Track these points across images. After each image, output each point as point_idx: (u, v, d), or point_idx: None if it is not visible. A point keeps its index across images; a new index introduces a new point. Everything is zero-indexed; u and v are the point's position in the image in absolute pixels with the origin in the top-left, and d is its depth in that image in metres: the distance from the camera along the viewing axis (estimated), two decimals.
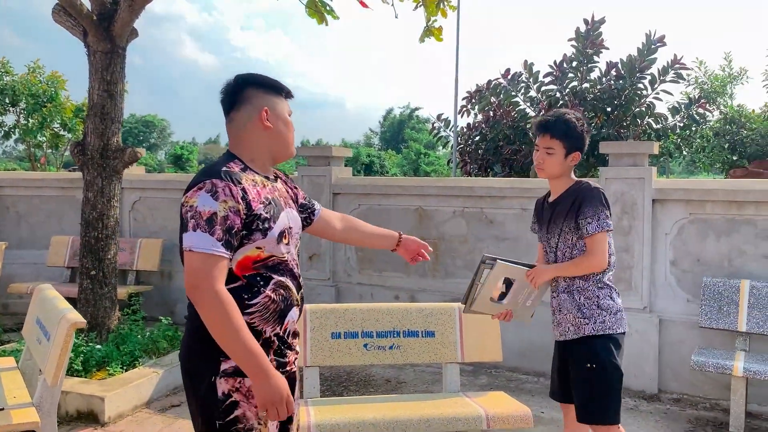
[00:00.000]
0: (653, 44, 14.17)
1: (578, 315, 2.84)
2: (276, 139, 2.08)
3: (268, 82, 2.11)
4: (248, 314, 1.94)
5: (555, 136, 2.83)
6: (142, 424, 4.26)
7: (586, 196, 2.79)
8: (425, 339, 3.82)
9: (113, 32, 5.11)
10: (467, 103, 16.05)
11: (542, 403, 4.71)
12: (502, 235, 5.53)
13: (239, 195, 1.89)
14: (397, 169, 58.77)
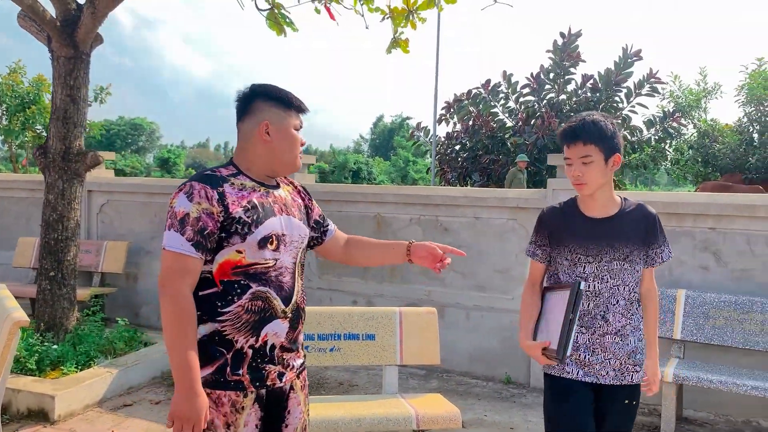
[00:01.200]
0: (629, 58, 14.48)
1: (628, 361, 2.46)
2: (275, 153, 2.07)
3: (278, 95, 2.09)
4: (219, 322, 1.95)
5: (589, 141, 2.40)
6: (92, 423, 4.35)
7: (657, 221, 2.49)
8: (365, 342, 3.95)
9: (77, 38, 5.23)
10: (446, 113, 16.29)
11: (487, 407, 4.85)
12: (456, 242, 5.67)
13: (215, 198, 1.92)
14: (385, 176, 58.98)
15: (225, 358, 1.96)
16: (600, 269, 2.42)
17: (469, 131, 15.13)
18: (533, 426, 4.50)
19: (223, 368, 1.95)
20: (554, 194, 5.18)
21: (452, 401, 4.92)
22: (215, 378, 1.95)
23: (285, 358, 2.07)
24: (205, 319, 1.95)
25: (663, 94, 16.18)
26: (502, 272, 5.50)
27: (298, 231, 2.13)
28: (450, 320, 5.61)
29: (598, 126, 2.41)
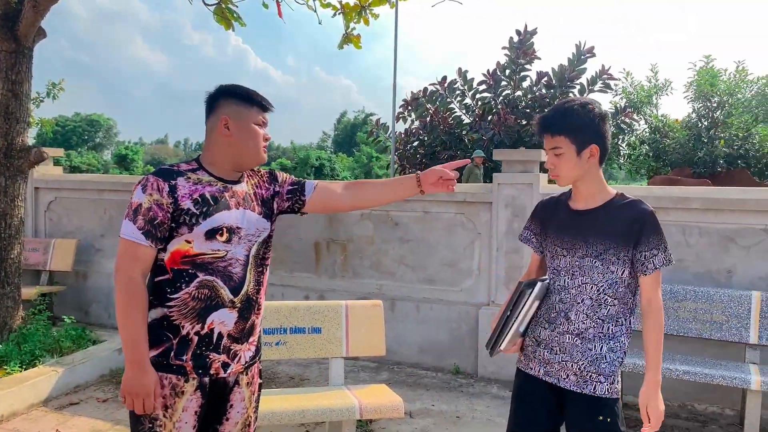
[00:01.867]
0: (583, 55, 14.77)
1: (590, 368, 2.28)
2: (236, 147, 2.14)
3: (240, 92, 2.18)
4: (168, 307, 2.05)
5: (557, 132, 2.27)
6: (35, 422, 4.30)
7: (650, 221, 2.25)
8: (311, 335, 3.99)
9: (18, 32, 5.13)
10: (404, 110, 16.40)
11: (435, 397, 4.94)
12: (406, 236, 5.75)
13: (165, 190, 2.03)
14: (348, 172, 58.93)
15: (171, 343, 2.05)
16: (572, 264, 2.30)
17: (426, 128, 15.26)
18: (479, 414, 4.61)
19: (168, 352, 2.05)
20: (499, 189, 5.29)
21: (401, 392, 5.02)
22: (158, 360, 2.04)
23: (232, 349, 2.13)
24: (156, 304, 2.06)
25: (615, 90, 16.56)
26: (451, 265, 5.60)
27: (255, 225, 2.19)
28: (400, 313, 5.70)
29: (570, 114, 2.26)
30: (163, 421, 2.05)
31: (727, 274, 4.74)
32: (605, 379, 2.26)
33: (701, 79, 15.64)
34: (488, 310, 5.34)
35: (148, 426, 2.05)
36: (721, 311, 4.47)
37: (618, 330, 2.29)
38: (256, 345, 2.26)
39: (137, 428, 2.08)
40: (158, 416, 2.04)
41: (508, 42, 14.78)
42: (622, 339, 2.29)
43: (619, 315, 2.28)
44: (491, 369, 5.32)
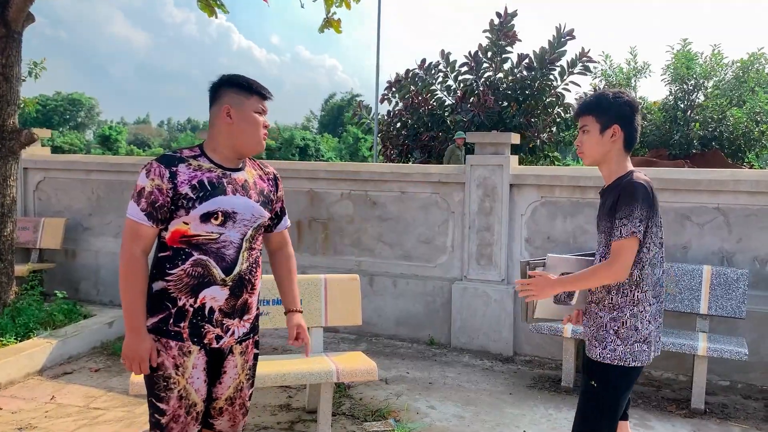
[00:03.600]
0: (563, 37, 15.02)
1: (595, 334, 2.56)
2: (238, 134, 2.30)
3: (241, 82, 2.33)
4: (166, 281, 2.26)
5: (585, 112, 2.56)
6: (32, 390, 4.56)
7: (625, 191, 2.42)
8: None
9: (8, 17, 5.30)
10: (388, 92, 16.60)
11: (410, 365, 5.26)
12: (385, 215, 6.03)
13: (166, 176, 2.22)
14: (334, 152, 58.95)
15: (169, 312, 2.27)
16: (598, 240, 2.59)
17: (409, 109, 15.48)
18: (449, 381, 4.93)
19: (167, 319, 2.27)
20: (472, 170, 5.58)
21: (378, 361, 5.31)
22: (159, 326, 2.27)
23: (224, 323, 2.33)
24: (158, 277, 2.28)
25: (595, 72, 16.86)
26: (426, 242, 5.90)
27: (251, 211, 2.36)
28: (378, 288, 5.99)
29: (599, 99, 2.54)
30: (176, 378, 2.28)
31: (683, 249, 5.08)
32: (599, 344, 2.52)
33: (678, 62, 15.99)
34: (461, 285, 5.66)
35: (163, 384, 2.28)
36: (675, 284, 4.81)
37: (623, 301, 2.48)
38: (252, 323, 2.46)
39: (153, 389, 2.30)
40: (171, 375, 2.27)
41: (489, 24, 15.00)
42: (626, 310, 2.47)
43: (624, 286, 2.48)
44: (463, 340, 5.64)
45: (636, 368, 2.51)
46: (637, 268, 2.47)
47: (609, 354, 2.50)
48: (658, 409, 4.46)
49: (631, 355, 2.48)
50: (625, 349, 2.48)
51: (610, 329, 2.51)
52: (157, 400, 2.30)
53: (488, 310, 5.52)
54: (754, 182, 4.82)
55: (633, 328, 2.48)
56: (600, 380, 2.54)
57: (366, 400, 4.53)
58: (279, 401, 4.50)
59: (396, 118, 16.13)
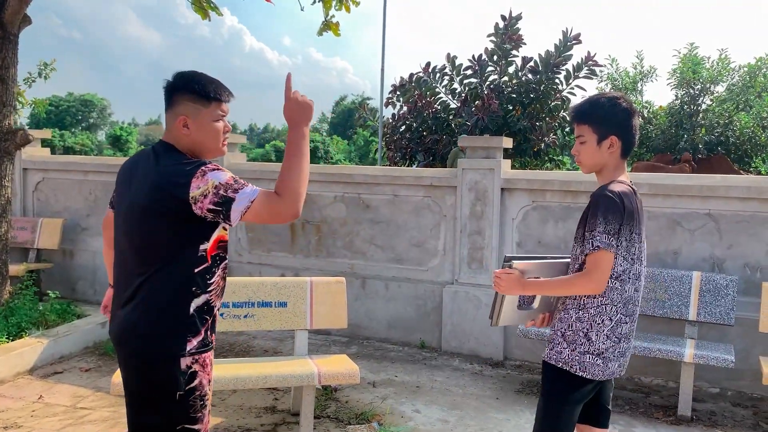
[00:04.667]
0: (569, 41, 14.96)
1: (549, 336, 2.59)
2: (196, 144, 2.22)
3: (197, 88, 2.19)
4: (208, 293, 2.19)
5: (581, 120, 2.49)
6: (21, 389, 4.60)
7: (594, 202, 2.38)
8: (278, 309, 4.28)
9: (4, 20, 5.36)
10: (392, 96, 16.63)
11: (399, 369, 5.26)
12: (377, 218, 6.03)
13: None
14: (343, 155, 59.01)
15: (207, 323, 2.22)
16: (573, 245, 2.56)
17: (413, 112, 15.49)
18: (437, 385, 4.92)
19: (207, 331, 2.22)
20: (463, 173, 5.58)
21: (368, 364, 5.35)
22: (202, 341, 2.20)
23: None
24: (199, 292, 2.18)
25: (601, 76, 16.78)
26: (418, 246, 5.90)
27: None
28: (371, 291, 6.00)
29: (595, 107, 2.46)
30: (207, 393, 2.24)
31: (674, 255, 5.05)
32: (548, 344, 2.52)
33: (684, 66, 15.87)
34: (452, 288, 5.65)
35: (200, 404, 2.21)
36: (664, 290, 4.79)
37: (571, 303, 2.46)
38: None
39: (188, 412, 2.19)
40: (206, 391, 2.23)
41: (494, 27, 15.01)
42: (571, 312, 2.45)
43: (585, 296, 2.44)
44: (453, 344, 5.63)
45: (586, 380, 2.45)
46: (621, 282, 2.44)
47: (555, 356, 2.49)
48: (645, 416, 4.44)
49: (579, 364, 2.43)
50: (572, 356, 2.43)
51: (558, 330, 2.51)
52: (192, 422, 2.22)
53: (479, 314, 5.51)
54: (745, 188, 4.78)
55: (582, 335, 2.43)
56: (546, 381, 2.53)
57: (352, 403, 4.53)
58: (265, 403, 4.51)
59: (400, 121, 16.18)
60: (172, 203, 2.09)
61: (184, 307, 2.16)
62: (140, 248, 2.19)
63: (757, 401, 4.75)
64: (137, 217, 2.18)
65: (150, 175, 2.18)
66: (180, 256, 2.16)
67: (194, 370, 2.18)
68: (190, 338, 2.16)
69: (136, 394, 2.22)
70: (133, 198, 2.21)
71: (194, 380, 2.19)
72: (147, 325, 2.15)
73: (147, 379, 2.18)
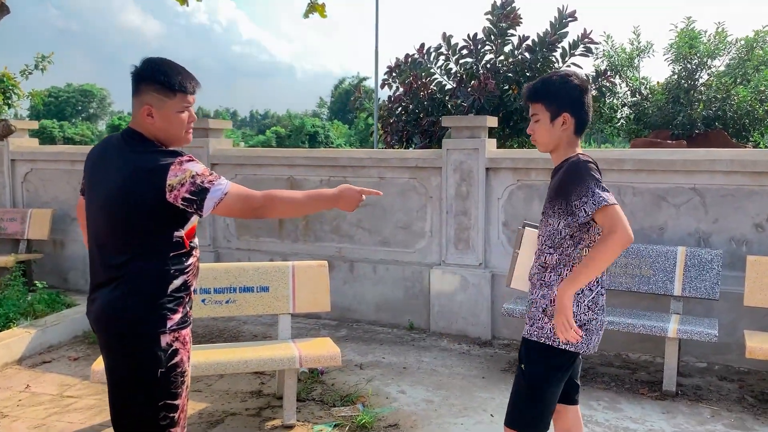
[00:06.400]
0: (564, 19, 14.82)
1: (528, 313, 2.55)
2: (161, 132, 2.25)
3: (162, 79, 2.21)
4: (186, 273, 2.28)
5: (534, 99, 2.51)
6: (9, 379, 4.62)
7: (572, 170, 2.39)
8: (259, 294, 4.28)
9: None
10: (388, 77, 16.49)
11: (387, 350, 5.27)
12: (364, 201, 6.00)
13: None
14: (343, 139, 58.82)
15: (184, 301, 2.30)
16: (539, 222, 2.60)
17: (408, 94, 15.38)
18: (424, 365, 4.93)
19: (185, 308, 2.30)
20: (448, 154, 5.54)
21: (356, 347, 5.36)
22: (182, 318, 2.28)
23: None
24: (177, 274, 2.25)
25: (596, 53, 16.64)
26: (405, 228, 5.88)
27: None
28: (359, 274, 5.99)
29: (547, 85, 2.47)
30: (187, 370, 2.31)
31: (659, 230, 5.02)
32: (528, 321, 2.52)
33: (681, 40, 15.71)
34: (439, 270, 5.64)
35: (180, 381, 2.28)
36: (649, 266, 4.77)
37: (554, 278, 2.44)
38: None
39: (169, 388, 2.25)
40: (185, 368, 2.30)
41: (491, 6, 14.86)
42: (554, 287, 2.43)
43: (559, 265, 2.45)
44: (442, 324, 5.64)
45: (567, 353, 2.45)
46: (575, 249, 2.44)
47: (536, 332, 2.48)
48: (631, 392, 4.44)
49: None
50: (554, 328, 2.42)
51: (539, 306, 2.49)
52: (173, 398, 2.27)
53: (466, 295, 5.50)
54: (728, 161, 4.74)
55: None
56: (528, 360, 2.52)
57: (338, 385, 4.54)
58: (251, 387, 4.53)
59: (396, 103, 16.08)
60: (149, 190, 2.15)
61: (163, 288, 2.22)
62: (118, 233, 2.23)
63: (744, 375, 4.74)
64: (116, 202, 2.21)
65: (126, 162, 2.21)
66: (157, 241, 2.22)
67: (175, 347, 2.25)
68: (171, 316, 2.24)
69: (119, 374, 2.27)
70: (110, 184, 2.23)
71: (175, 357, 2.25)
72: (127, 307, 2.20)
73: (129, 359, 2.22)
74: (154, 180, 2.13)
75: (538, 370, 2.49)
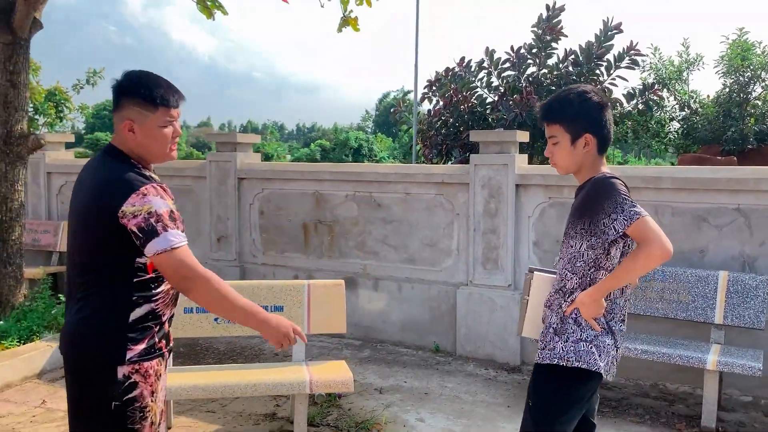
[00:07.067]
0: (610, 31, 14.44)
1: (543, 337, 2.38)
2: (143, 148, 2.16)
3: (143, 92, 2.13)
4: (154, 301, 2.13)
5: (552, 120, 2.33)
6: (27, 393, 4.60)
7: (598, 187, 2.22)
8: (273, 313, 4.14)
9: (13, 25, 5.39)
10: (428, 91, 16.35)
11: (409, 374, 5.07)
12: (389, 217, 5.85)
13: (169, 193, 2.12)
14: (387, 152, 58.86)
15: (152, 332, 2.15)
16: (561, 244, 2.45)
17: (449, 108, 15.20)
18: (447, 391, 4.72)
19: (153, 339, 2.15)
20: (476, 169, 5.34)
21: (378, 369, 5.19)
22: (147, 349, 2.12)
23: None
24: (141, 302, 2.11)
25: (643, 66, 16.16)
26: (431, 245, 5.69)
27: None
28: (384, 292, 5.82)
29: (565, 105, 2.30)
30: (150, 405, 2.15)
31: (700, 253, 4.70)
32: (540, 344, 2.36)
33: (733, 52, 15.11)
34: (466, 290, 5.42)
35: (139, 416, 2.12)
36: (687, 291, 4.46)
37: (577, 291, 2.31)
38: None
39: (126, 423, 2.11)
40: (147, 403, 2.13)
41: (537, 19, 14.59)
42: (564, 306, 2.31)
43: (577, 288, 2.30)
44: (469, 348, 5.41)
45: (582, 371, 2.24)
46: (597, 273, 2.28)
47: (548, 354, 2.31)
48: (666, 426, 4.14)
49: (575, 354, 2.25)
50: (566, 347, 2.27)
51: (548, 328, 2.35)
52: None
53: (494, 317, 5.27)
54: None
55: (572, 322, 2.29)
56: (535, 388, 2.35)
57: (355, 410, 4.37)
58: (266, 410, 4.40)
59: (435, 116, 15.90)
60: (107, 208, 2.04)
61: (123, 316, 2.09)
62: (84, 252, 2.14)
63: None
64: (80, 222, 2.15)
65: (95, 180, 2.14)
66: (117, 265, 2.10)
67: (134, 380, 2.10)
68: (131, 346, 2.09)
69: (74, 401, 2.17)
70: (78, 203, 2.18)
71: (133, 390, 2.10)
72: (85, 333, 2.10)
73: (84, 387, 2.12)
74: (113, 199, 2.02)
75: (545, 396, 2.31)
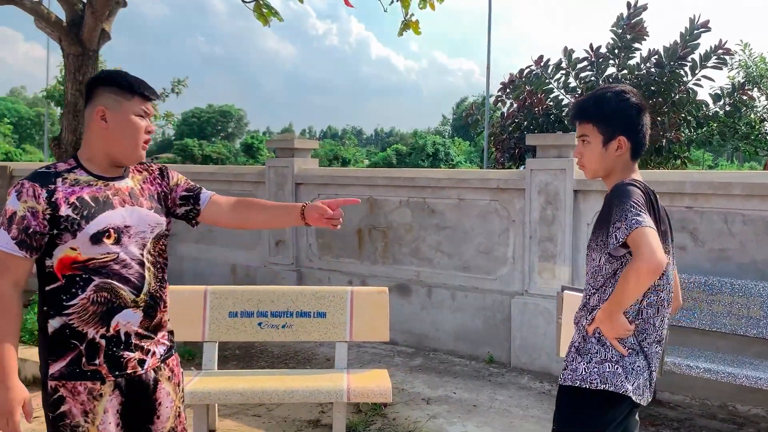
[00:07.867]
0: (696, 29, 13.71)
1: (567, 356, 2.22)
2: (113, 141, 2.05)
3: (119, 80, 2.05)
4: (66, 315, 1.98)
5: (585, 118, 2.19)
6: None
7: (614, 194, 2.06)
8: (316, 319, 4.13)
9: (82, 37, 5.64)
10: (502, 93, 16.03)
11: (459, 385, 4.93)
12: (443, 223, 5.73)
13: (42, 196, 1.94)
14: (464, 156, 58.35)
15: (79, 350, 2.00)
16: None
17: (522, 110, 14.85)
18: (497, 404, 4.55)
19: (78, 359, 2.00)
20: (532, 175, 5.14)
21: (428, 378, 5.09)
22: (69, 370, 2.00)
23: (144, 346, 2.11)
24: (52, 313, 2.01)
25: (732, 65, 15.25)
26: (486, 253, 5.52)
27: (146, 220, 2.12)
28: (437, 299, 5.70)
29: (600, 103, 2.16)
30: (85, 426, 2.01)
31: None
32: (564, 363, 2.21)
33: None
34: (521, 300, 5.23)
35: None
36: (759, 306, 4.11)
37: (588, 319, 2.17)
38: (168, 340, 2.25)
39: None
40: (79, 422, 2.01)
41: (617, 18, 14.03)
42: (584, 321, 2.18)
43: (597, 305, 2.15)
44: (524, 359, 5.21)
45: (609, 393, 2.05)
46: (613, 287, 2.09)
47: (570, 374, 2.14)
48: None
49: (599, 376, 2.07)
50: (589, 367, 2.09)
51: (572, 347, 2.19)
52: None
53: (550, 329, 5.05)
54: None
55: (595, 341, 2.11)
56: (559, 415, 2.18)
57: (399, 420, 4.28)
58: (310, 416, 4.38)
59: (508, 120, 15.55)
60: None
61: (43, 327, 2.03)
62: None
63: None
64: None
65: None
66: (38, 269, 2.03)
67: (61, 395, 2.00)
68: (51, 362, 2.01)
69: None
70: None
71: (61, 406, 2.00)
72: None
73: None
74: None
75: (569, 421, 2.13)
